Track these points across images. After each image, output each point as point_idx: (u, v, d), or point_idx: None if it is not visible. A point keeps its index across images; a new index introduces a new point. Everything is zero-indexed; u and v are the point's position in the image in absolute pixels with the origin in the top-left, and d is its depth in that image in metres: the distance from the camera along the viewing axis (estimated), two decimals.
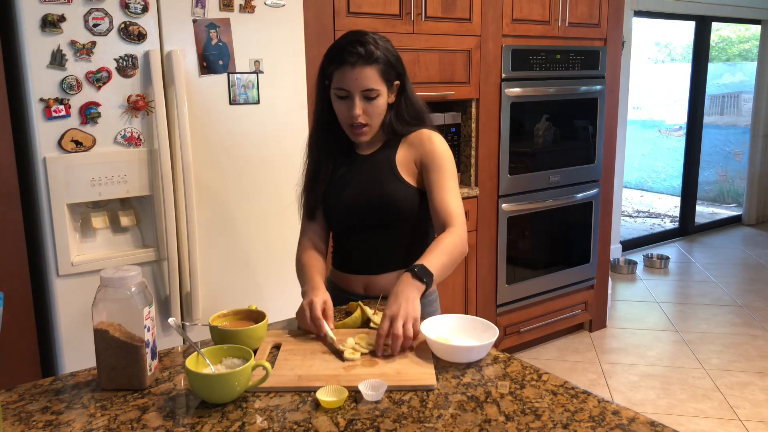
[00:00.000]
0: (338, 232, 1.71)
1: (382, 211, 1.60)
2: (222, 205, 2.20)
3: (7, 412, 1.09)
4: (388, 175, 1.61)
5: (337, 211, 1.65)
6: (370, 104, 1.54)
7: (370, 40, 1.52)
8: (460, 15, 2.94)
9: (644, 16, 5.19)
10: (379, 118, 1.58)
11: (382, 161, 1.63)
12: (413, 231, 1.65)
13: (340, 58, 1.51)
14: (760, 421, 2.84)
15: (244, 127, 2.20)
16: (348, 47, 1.51)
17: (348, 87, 1.51)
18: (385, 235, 1.63)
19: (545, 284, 3.53)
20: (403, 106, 1.62)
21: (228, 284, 2.25)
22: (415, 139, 1.64)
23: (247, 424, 1.04)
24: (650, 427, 1.01)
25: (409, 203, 1.61)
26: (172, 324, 1.22)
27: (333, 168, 1.64)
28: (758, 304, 4.32)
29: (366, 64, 1.50)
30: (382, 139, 1.65)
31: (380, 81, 1.53)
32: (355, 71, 1.50)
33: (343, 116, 1.56)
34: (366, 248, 1.65)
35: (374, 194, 1.60)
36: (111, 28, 1.93)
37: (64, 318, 1.99)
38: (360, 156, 1.66)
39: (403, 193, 1.59)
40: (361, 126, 1.55)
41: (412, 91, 1.64)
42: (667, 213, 7.52)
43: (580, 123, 3.56)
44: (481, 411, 1.07)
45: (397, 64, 1.57)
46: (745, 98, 7.18)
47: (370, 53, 1.50)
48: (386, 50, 1.54)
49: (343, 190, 1.63)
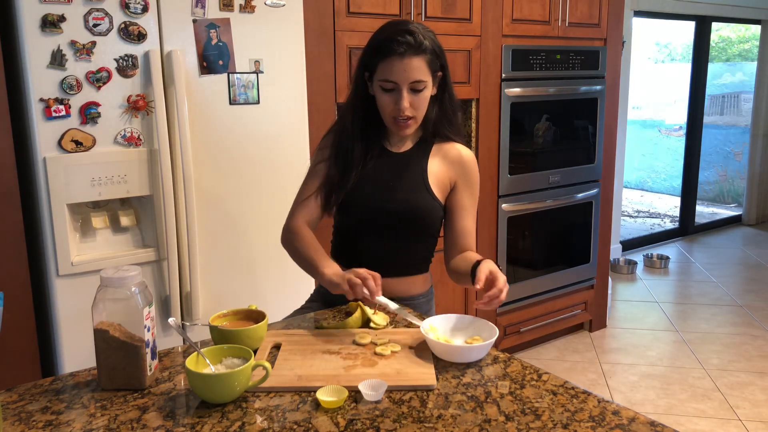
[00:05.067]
0: (350, 228, 1.65)
1: (407, 219, 1.57)
2: (222, 205, 2.20)
3: (7, 412, 1.09)
4: (419, 185, 1.57)
5: (360, 209, 1.60)
6: (417, 96, 1.48)
7: (418, 29, 1.46)
8: (460, 15, 2.94)
9: (644, 16, 5.19)
10: (424, 111, 1.53)
11: (414, 168, 1.58)
12: (426, 241, 1.65)
13: (387, 48, 1.45)
14: (760, 421, 2.84)
15: (244, 127, 2.20)
16: (396, 36, 1.45)
17: (396, 79, 1.45)
18: (401, 241, 1.61)
19: (545, 284, 3.53)
20: (447, 99, 1.57)
21: (228, 284, 2.25)
22: (453, 154, 1.60)
23: (247, 424, 1.04)
24: (650, 427, 1.01)
25: (434, 218, 1.59)
26: (172, 324, 1.22)
27: (364, 162, 1.58)
28: (758, 304, 4.32)
29: (415, 54, 1.44)
30: (416, 137, 1.62)
31: (428, 72, 1.47)
32: (403, 62, 1.44)
33: (389, 109, 1.50)
34: (378, 250, 1.61)
35: (403, 202, 1.56)
36: (111, 28, 1.93)
37: (64, 318, 1.99)
38: (390, 153, 1.61)
39: (430, 207, 1.57)
40: (407, 119, 1.50)
41: (451, 84, 1.58)
42: (667, 213, 7.52)
43: (580, 123, 3.56)
44: (481, 411, 1.07)
45: (441, 55, 1.51)
46: (745, 98, 7.18)
47: (420, 42, 1.45)
48: (432, 40, 1.49)
49: (369, 187, 1.58)
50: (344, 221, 1.66)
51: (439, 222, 1.64)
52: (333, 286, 1.43)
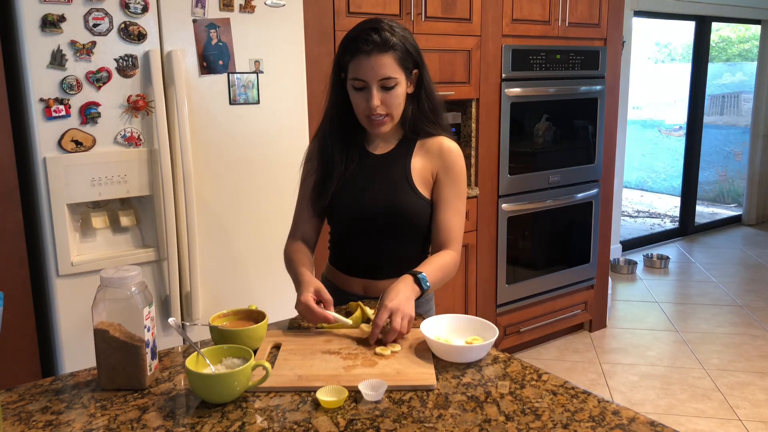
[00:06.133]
0: (341, 233, 1.66)
1: (393, 220, 1.56)
2: (222, 205, 2.20)
3: (7, 412, 1.09)
4: (403, 185, 1.56)
5: (345, 213, 1.60)
6: (389, 94, 1.48)
7: (386, 27, 1.47)
8: (460, 15, 2.94)
9: (644, 16, 5.19)
10: (398, 108, 1.52)
11: (397, 167, 1.58)
12: (419, 240, 1.64)
13: (354, 47, 1.46)
14: (760, 421, 2.84)
15: (244, 127, 2.20)
16: (362, 35, 1.45)
17: (364, 77, 1.46)
18: (391, 242, 1.60)
19: (545, 284, 3.53)
20: (423, 98, 1.56)
21: (228, 284, 2.25)
22: (434, 147, 1.59)
23: (247, 424, 1.04)
24: (650, 427, 1.01)
25: (421, 216, 1.58)
26: (172, 324, 1.22)
27: (345, 166, 1.58)
28: (758, 304, 4.32)
29: (382, 52, 1.45)
30: (397, 137, 1.61)
31: (398, 69, 1.47)
32: (370, 59, 1.44)
33: (361, 108, 1.50)
34: (369, 253, 1.61)
35: (387, 202, 1.55)
36: (111, 28, 1.93)
37: (64, 318, 1.99)
38: (373, 155, 1.60)
39: (416, 205, 1.56)
40: (380, 116, 1.50)
41: (430, 82, 1.58)
42: (667, 213, 7.52)
43: (580, 123, 3.56)
44: (481, 411, 1.07)
45: (415, 53, 1.52)
46: (745, 98, 7.18)
47: (386, 40, 1.45)
48: (403, 37, 1.49)
49: (354, 191, 1.58)
50: (333, 226, 1.66)
51: (429, 219, 1.62)
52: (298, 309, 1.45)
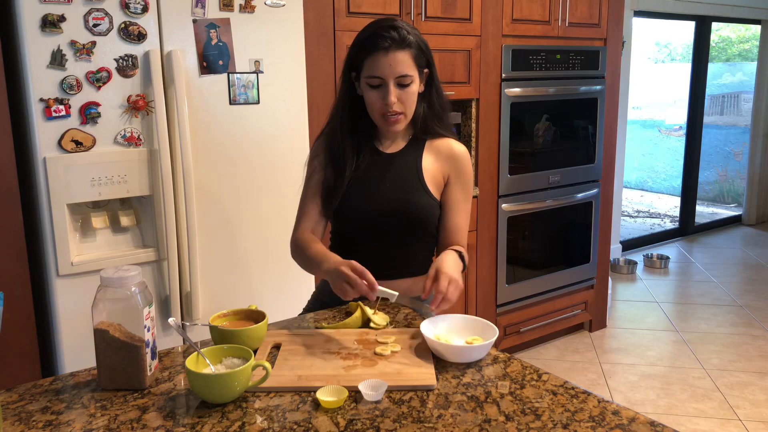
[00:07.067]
0: (348, 232, 1.64)
1: (404, 218, 1.56)
2: (222, 205, 2.20)
3: (7, 412, 1.09)
4: (414, 183, 1.56)
5: (355, 210, 1.58)
6: (404, 91, 1.49)
7: (402, 25, 1.48)
8: (460, 15, 2.94)
9: (644, 16, 5.19)
10: (413, 106, 1.53)
11: (408, 166, 1.58)
12: (426, 240, 1.64)
13: (372, 44, 1.46)
14: (760, 421, 2.84)
15: (244, 127, 2.20)
16: (380, 32, 1.46)
17: (381, 74, 1.46)
18: (400, 242, 1.60)
19: (545, 284, 3.53)
20: (434, 96, 1.57)
21: (228, 284, 2.25)
22: (445, 149, 1.59)
23: (247, 424, 1.04)
24: (650, 427, 1.01)
25: (431, 215, 1.58)
26: (172, 324, 1.22)
27: (357, 164, 1.58)
28: (758, 304, 4.32)
29: (399, 48, 1.45)
30: (406, 136, 1.61)
31: (413, 66, 1.48)
32: (388, 56, 1.45)
33: (377, 106, 1.50)
34: (376, 253, 1.59)
35: (398, 202, 1.55)
36: (111, 28, 1.93)
37: (64, 318, 1.99)
38: (383, 154, 1.60)
39: (428, 205, 1.57)
40: (395, 114, 1.50)
41: (439, 81, 1.59)
42: (667, 213, 7.52)
43: (580, 123, 3.56)
44: (481, 411, 1.07)
45: (427, 51, 1.53)
46: (745, 98, 7.18)
47: (404, 37, 1.46)
48: (417, 36, 1.50)
49: (365, 191, 1.57)
50: (341, 225, 1.64)
51: (437, 219, 1.63)
52: (333, 278, 1.40)
